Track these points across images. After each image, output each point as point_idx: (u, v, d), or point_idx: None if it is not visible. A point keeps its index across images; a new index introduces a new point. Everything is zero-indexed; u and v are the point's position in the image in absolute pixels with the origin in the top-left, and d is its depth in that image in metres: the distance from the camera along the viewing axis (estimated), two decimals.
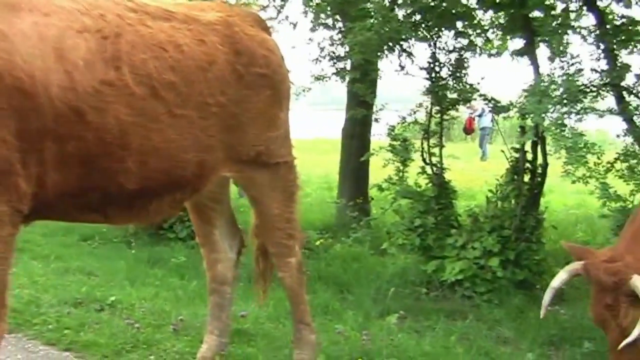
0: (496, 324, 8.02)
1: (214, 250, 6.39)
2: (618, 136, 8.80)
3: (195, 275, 8.92)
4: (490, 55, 10.37)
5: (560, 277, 5.67)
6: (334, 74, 10.06)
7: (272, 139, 5.86)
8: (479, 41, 10.06)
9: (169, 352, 6.66)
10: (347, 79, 10.70)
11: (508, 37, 10.34)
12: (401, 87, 12.78)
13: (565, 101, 7.81)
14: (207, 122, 5.38)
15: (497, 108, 9.36)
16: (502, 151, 9.69)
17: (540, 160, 9.30)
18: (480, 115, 27.68)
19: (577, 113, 7.86)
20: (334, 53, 10.04)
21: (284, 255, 6.15)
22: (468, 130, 29.76)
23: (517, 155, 9.30)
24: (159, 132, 5.12)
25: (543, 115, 7.65)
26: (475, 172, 20.30)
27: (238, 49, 5.64)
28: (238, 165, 5.76)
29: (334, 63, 10.05)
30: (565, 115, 7.78)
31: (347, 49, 9.73)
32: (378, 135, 11.16)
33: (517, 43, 9.75)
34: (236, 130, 5.60)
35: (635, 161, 8.30)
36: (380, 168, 10.02)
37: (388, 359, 6.47)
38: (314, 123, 35.39)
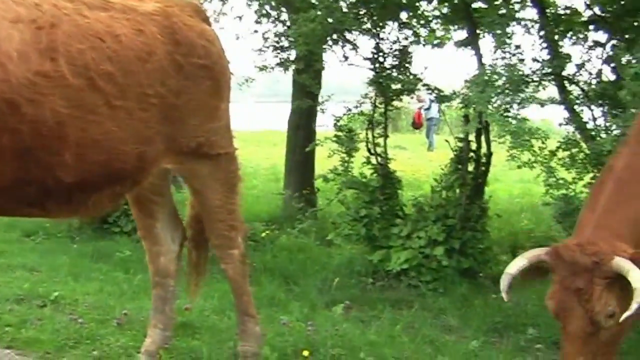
0: (441, 313, 8.08)
1: (156, 243, 6.31)
2: (560, 125, 8.88)
3: (140, 269, 8.82)
4: (433, 46, 10.40)
5: (517, 264, 5.55)
6: (277, 64, 10.03)
7: (213, 130, 5.80)
8: (422, 32, 10.08)
9: (113, 347, 6.60)
10: (291, 69, 10.67)
11: (451, 28, 10.39)
12: (347, 78, 12.79)
13: (507, 91, 7.87)
14: (147, 113, 5.30)
15: (441, 97, 9.42)
16: (447, 141, 9.76)
17: (484, 149, 9.38)
18: (427, 108, 27.81)
19: (520, 102, 7.92)
20: (277, 43, 10.00)
21: (226, 247, 6.10)
22: (417, 124, 29.82)
23: (461, 144, 9.36)
24: (97, 124, 5.04)
25: (486, 103, 7.70)
26: (422, 162, 20.43)
27: (177, 40, 5.57)
28: (179, 156, 5.69)
29: (278, 54, 10.02)
30: (508, 105, 7.84)
31: (292, 39, 9.69)
32: (324, 127, 11.15)
33: (461, 34, 9.82)
34: (176, 122, 5.53)
35: (576, 149, 8.38)
36: (326, 159, 10.02)
37: (333, 349, 6.45)
38: (262, 115, 35.41)
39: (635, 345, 6.50)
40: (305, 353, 6.32)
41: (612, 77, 8.59)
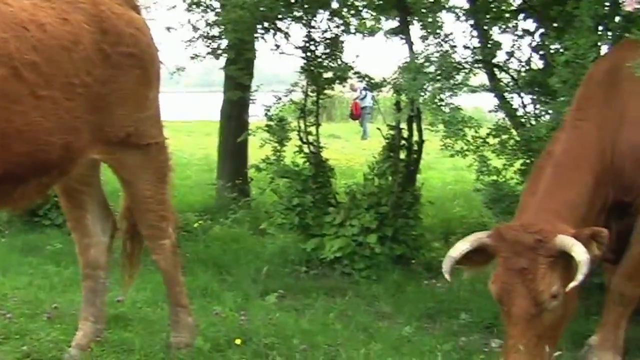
0: (375, 300, 8.11)
1: (86, 235, 6.24)
2: (490, 112, 8.98)
3: (72, 262, 8.63)
4: (364, 35, 10.39)
5: (460, 247, 5.63)
6: (208, 53, 9.93)
7: (141, 119, 5.77)
8: (353, 21, 10.06)
9: (43, 341, 6.46)
10: (223, 59, 10.58)
11: (382, 18, 10.38)
12: (282, 68, 12.75)
13: (439, 77, 7.91)
14: (73, 103, 5.25)
15: (372, 85, 9.46)
16: (379, 129, 9.81)
17: (416, 137, 9.44)
18: (362, 98, 27.91)
19: (451, 89, 7.97)
20: (208, 33, 9.90)
21: (157, 238, 6.08)
22: (355, 115, 29.88)
23: (393, 132, 9.40)
24: (21, 114, 4.98)
25: (418, 91, 7.73)
26: (356, 150, 20.51)
27: (104, 28, 5.52)
28: (107, 147, 5.65)
29: (209, 43, 9.92)
30: (440, 91, 7.88)
31: (222, 28, 9.61)
32: (257, 116, 11.10)
33: (391, 23, 9.83)
34: (104, 111, 5.48)
35: (506, 136, 8.48)
36: (260, 149, 9.97)
37: (266, 338, 6.43)
38: (195, 105, 35.26)
39: None
40: (238, 342, 6.30)
41: (541, 65, 8.69)
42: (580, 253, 5.08)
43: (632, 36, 6.06)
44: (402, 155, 9.43)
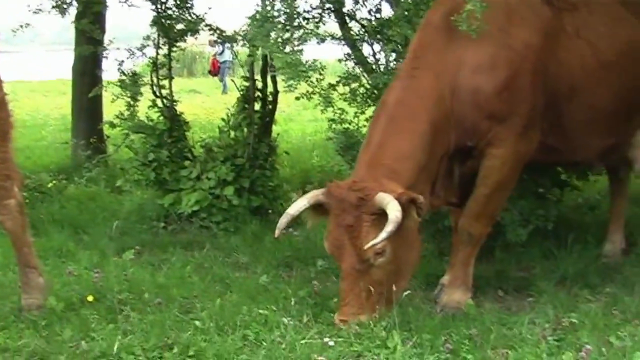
0: (233, 251, 8.14)
1: None
2: (340, 61, 9.01)
3: None
4: None
5: (298, 205, 5.79)
6: (53, 7, 9.59)
7: None
8: None
9: None
10: (70, 13, 10.25)
11: None
12: (140, 24, 12.48)
13: (287, 27, 7.90)
14: None
15: (223, 37, 9.40)
16: (233, 81, 9.77)
17: (270, 88, 9.44)
18: (221, 52, 27.76)
19: (299, 38, 7.98)
20: None
21: (1, 198, 5.91)
22: (213, 71, 29.71)
23: (247, 84, 9.38)
24: None
25: (265, 38, 7.70)
26: (217, 105, 20.38)
27: None
28: None
29: None
30: (288, 41, 7.87)
31: None
32: (110, 71, 10.86)
33: None
34: None
35: (356, 84, 8.56)
36: (115, 105, 9.75)
37: (120, 294, 6.38)
38: (53, 64, 34.27)
39: None
40: (91, 299, 6.23)
41: (391, 13, 8.79)
42: (392, 210, 5.30)
43: None
44: (257, 107, 9.43)
